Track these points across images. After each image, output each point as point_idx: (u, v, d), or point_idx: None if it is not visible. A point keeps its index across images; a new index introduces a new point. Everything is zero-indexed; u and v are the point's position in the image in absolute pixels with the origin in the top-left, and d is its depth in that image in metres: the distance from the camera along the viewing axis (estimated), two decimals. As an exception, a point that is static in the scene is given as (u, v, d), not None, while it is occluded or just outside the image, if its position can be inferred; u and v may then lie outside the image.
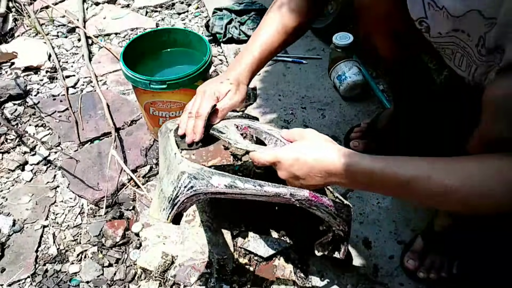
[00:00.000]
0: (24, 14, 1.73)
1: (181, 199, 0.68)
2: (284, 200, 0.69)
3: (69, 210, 1.07)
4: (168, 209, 0.69)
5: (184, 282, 0.92)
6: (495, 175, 0.53)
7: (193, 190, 0.68)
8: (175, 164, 0.72)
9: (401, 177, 0.58)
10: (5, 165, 1.18)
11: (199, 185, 0.68)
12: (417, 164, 0.59)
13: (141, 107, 1.16)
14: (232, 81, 0.83)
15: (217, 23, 1.58)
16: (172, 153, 0.75)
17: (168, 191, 0.70)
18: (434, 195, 0.57)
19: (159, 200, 0.72)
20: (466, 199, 0.55)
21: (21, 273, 0.95)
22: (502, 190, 0.52)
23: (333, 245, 0.80)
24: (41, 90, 1.43)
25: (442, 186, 0.55)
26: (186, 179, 0.68)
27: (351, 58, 1.33)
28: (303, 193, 0.69)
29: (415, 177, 0.57)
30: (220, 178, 0.68)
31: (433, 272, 0.89)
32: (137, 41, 1.16)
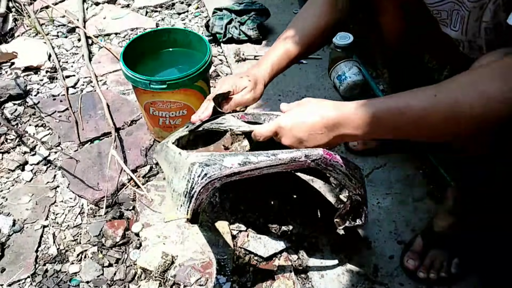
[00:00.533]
0: (24, 14, 1.73)
1: (196, 189, 0.66)
2: (300, 164, 0.68)
3: (69, 210, 1.07)
4: (186, 204, 0.66)
5: (184, 282, 0.92)
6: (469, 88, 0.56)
7: (208, 177, 0.65)
8: (182, 161, 0.70)
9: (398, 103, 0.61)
10: (5, 165, 1.18)
11: (213, 171, 0.65)
12: (411, 92, 0.61)
13: (141, 107, 1.16)
14: (250, 78, 0.84)
15: (217, 23, 1.58)
16: (176, 155, 0.74)
17: (182, 187, 0.67)
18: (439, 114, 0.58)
19: (174, 199, 0.69)
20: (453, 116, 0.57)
21: (21, 273, 0.95)
22: (474, 101, 0.55)
23: (353, 214, 0.80)
24: (41, 90, 1.43)
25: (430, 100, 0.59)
26: (198, 168, 0.66)
27: (351, 58, 1.33)
28: (317, 152, 0.68)
29: (412, 99, 0.60)
30: (232, 158, 0.67)
31: (432, 272, 0.89)
32: (137, 41, 1.16)
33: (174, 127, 1.15)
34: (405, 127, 0.62)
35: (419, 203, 1.04)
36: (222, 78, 0.87)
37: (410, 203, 1.04)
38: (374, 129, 0.65)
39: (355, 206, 0.79)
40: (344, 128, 0.67)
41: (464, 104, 0.56)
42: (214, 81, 1.43)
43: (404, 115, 0.61)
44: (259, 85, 0.86)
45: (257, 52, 1.53)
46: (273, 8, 1.69)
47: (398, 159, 1.14)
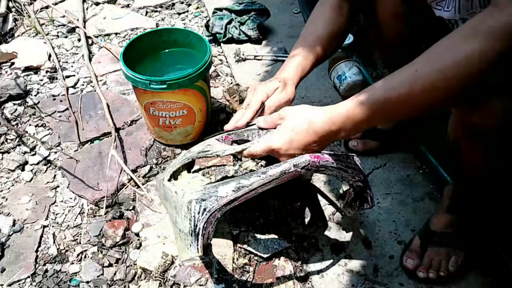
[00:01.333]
0: (24, 14, 1.73)
1: (200, 226, 0.68)
2: (291, 174, 0.69)
3: (69, 210, 1.07)
4: (194, 242, 0.69)
5: (184, 282, 0.92)
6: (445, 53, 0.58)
7: (207, 211, 0.68)
8: (180, 200, 0.73)
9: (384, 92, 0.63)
10: (5, 165, 1.18)
11: (210, 204, 0.68)
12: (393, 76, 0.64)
13: (141, 107, 1.16)
14: (280, 80, 0.85)
15: (217, 23, 1.58)
16: (173, 194, 0.76)
17: (186, 227, 0.70)
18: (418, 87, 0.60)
19: (182, 240, 0.72)
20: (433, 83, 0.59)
21: (21, 273, 0.95)
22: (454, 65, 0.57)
23: (359, 199, 0.81)
24: (41, 90, 1.43)
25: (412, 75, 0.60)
26: (195, 205, 0.69)
27: (351, 58, 1.33)
28: (304, 159, 0.69)
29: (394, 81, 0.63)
30: (225, 187, 0.69)
31: (432, 271, 0.89)
32: (137, 41, 1.16)
33: (174, 127, 1.15)
34: (395, 110, 0.64)
35: (419, 203, 1.04)
36: (252, 86, 0.88)
37: (410, 203, 1.04)
38: (367, 124, 0.67)
39: (359, 192, 0.80)
40: (337, 135, 0.69)
41: (443, 68, 0.58)
42: (214, 81, 1.43)
43: (392, 101, 0.63)
44: (290, 86, 0.86)
45: (257, 52, 1.53)
46: (273, 8, 1.69)
47: (398, 159, 1.14)
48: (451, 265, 0.89)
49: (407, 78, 0.61)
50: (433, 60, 0.59)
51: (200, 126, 1.19)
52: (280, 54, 1.51)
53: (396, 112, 0.65)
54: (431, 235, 0.91)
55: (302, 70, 0.88)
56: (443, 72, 0.58)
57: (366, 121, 0.66)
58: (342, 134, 0.69)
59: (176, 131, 1.17)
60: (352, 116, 0.66)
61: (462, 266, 0.89)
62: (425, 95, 0.60)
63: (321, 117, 0.68)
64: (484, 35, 0.55)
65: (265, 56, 1.51)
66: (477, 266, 0.91)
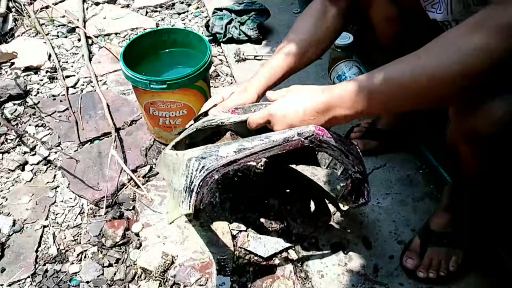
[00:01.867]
0: (24, 14, 1.73)
1: (196, 183, 0.66)
2: (294, 143, 0.68)
3: (69, 210, 1.07)
4: (187, 199, 0.67)
5: (184, 282, 0.92)
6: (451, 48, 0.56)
7: (205, 169, 0.66)
8: (180, 160, 0.71)
9: (385, 73, 0.61)
10: (5, 165, 1.18)
11: (209, 162, 0.66)
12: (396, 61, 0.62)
13: (141, 107, 1.16)
14: (240, 86, 0.89)
15: (217, 23, 1.58)
16: (173, 156, 0.74)
17: (181, 184, 0.68)
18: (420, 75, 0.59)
19: (175, 197, 0.70)
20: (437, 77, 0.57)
21: (21, 273, 0.95)
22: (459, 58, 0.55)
23: (355, 193, 0.80)
24: (41, 90, 1.43)
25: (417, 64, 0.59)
26: (194, 162, 0.67)
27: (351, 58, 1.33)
28: (309, 128, 0.68)
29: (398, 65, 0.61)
30: (227, 147, 0.67)
31: (432, 271, 0.89)
32: (137, 41, 1.16)
33: (174, 127, 1.15)
34: (395, 96, 0.62)
35: (419, 203, 1.04)
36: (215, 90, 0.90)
37: (410, 203, 1.04)
38: (366, 105, 0.65)
39: (356, 184, 0.79)
40: (336, 110, 0.68)
41: (447, 62, 0.56)
42: (214, 81, 1.43)
43: (393, 83, 0.61)
44: (249, 92, 0.87)
45: (257, 52, 1.53)
46: (273, 8, 1.69)
47: (398, 159, 1.14)
48: (452, 265, 0.89)
49: (409, 66, 0.60)
50: (436, 52, 0.58)
51: (200, 126, 1.20)
52: (280, 54, 1.51)
53: (393, 99, 0.63)
54: (431, 235, 0.91)
55: (269, 79, 0.89)
56: (447, 66, 0.56)
57: (362, 103, 0.65)
58: (340, 112, 0.67)
59: (176, 131, 1.17)
60: (350, 93, 0.65)
61: (462, 266, 0.89)
62: (425, 86, 0.59)
63: (321, 89, 0.69)
64: (491, 31, 0.53)
65: (265, 56, 1.51)
66: (477, 266, 0.91)
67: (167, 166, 0.79)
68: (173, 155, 0.75)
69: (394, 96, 0.63)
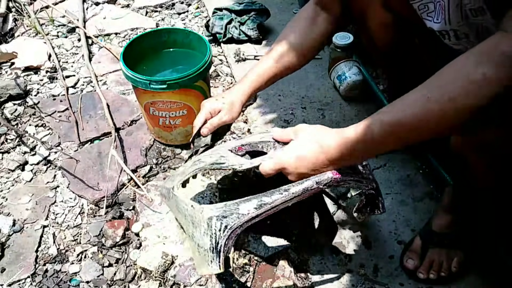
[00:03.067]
0: (24, 14, 1.73)
1: (221, 243, 0.68)
2: (313, 191, 0.69)
3: (69, 210, 1.07)
4: (216, 259, 0.69)
5: (184, 282, 0.92)
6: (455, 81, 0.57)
7: (229, 229, 0.68)
8: (198, 215, 0.73)
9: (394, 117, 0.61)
10: (5, 165, 1.18)
11: (232, 221, 0.68)
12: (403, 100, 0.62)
13: (141, 107, 1.16)
14: (225, 102, 0.93)
15: (217, 23, 1.58)
16: (189, 207, 0.76)
17: (206, 243, 0.70)
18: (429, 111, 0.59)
19: (201, 255, 0.72)
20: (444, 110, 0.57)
21: (21, 273, 0.95)
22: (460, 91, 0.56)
23: (370, 206, 0.81)
24: (41, 90, 1.43)
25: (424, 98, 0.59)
26: (216, 222, 0.69)
27: (351, 58, 1.33)
28: (326, 176, 0.69)
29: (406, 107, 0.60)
30: (247, 204, 0.69)
31: (432, 272, 0.89)
32: (137, 41, 1.16)
33: (174, 127, 1.15)
34: (407, 135, 0.62)
35: (419, 203, 1.04)
36: (204, 101, 0.95)
37: (410, 203, 1.04)
38: (378, 150, 0.66)
39: (370, 199, 0.80)
40: (350, 160, 0.68)
41: (456, 97, 0.56)
42: (214, 81, 1.43)
43: (404, 126, 0.61)
44: (235, 108, 0.93)
45: (257, 52, 1.53)
46: (273, 8, 1.69)
47: (398, 159, 1.14)
48: (454, 265, 0.89)
49: (417, 103, 0.59)
50: (444, 87, 0.57)
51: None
52: (280, 54, 1.51)
53: (405, 141, 0.63)
54: (432, 236, 0.91)
55: (254, 88, 0.93)
56: (455, 100, 0.56)
57: (376, 146, 0.64)
58: (354, 158, 0.68)
59: (176, 131, 1.17)
60: (362, 140, 0.64)
61: (462, 266, 0.89)
62: (434, 121, 0.59)
63: (332, 141, 0.67)
64: (497, 62, 0.53)
65: (265, 56, 1.51)
66: (477, 266, 0.91)
67: (182, 214, 0.80)
68: (188, 206, 0.76)
69: (406, 138, 0.63)
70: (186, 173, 0.86)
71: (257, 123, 1.27)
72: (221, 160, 0.80)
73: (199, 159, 0.86)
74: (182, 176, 0.87)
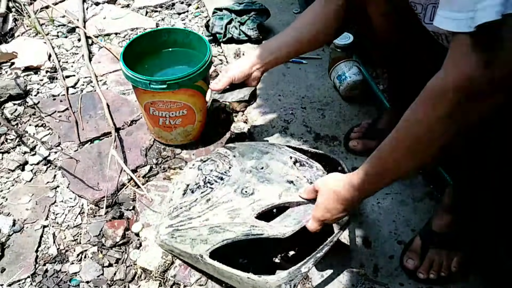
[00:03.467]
0: (24, 14, 1.73)
1: None
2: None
3: (69, 210, 1.07)
4: None
5: (184, 282, 0.92)
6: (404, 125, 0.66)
7: (296, 286, 0.79)
8: (262, 285, 0.79)
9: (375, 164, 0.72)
10: (5, 165, 1.18)
11: (297, 280, 0.78)
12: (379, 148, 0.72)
13: (141, 107, 1.16)
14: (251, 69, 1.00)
15: (217, 23, 1.58)
16: (244, 277, 0.80)
17: None
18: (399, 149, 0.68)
19: None
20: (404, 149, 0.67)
21: (21, 273, 0.95)
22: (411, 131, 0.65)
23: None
24: (41, 90, 1.43)
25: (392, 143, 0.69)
26: (286, 286, 0.78)
27: (351, 58, 1.33)
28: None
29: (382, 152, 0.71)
30: (306, 265, 0.78)
31: (432, 272, 0.89)
32: (137, 41, 1.16)
33: (174, 127, 1.15)
34: (389, 174, 0.71)
35: (419, 203, 1.04)
36: (226, 67, 1.02)
37: (410, 203, 1.04)
38: (379, 185, 0.74)
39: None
40: (360, 198, 0.77)
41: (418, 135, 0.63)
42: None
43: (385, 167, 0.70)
44: (255, 77, 1.00)
45: (257, 52, 1.53)
46: (273, 8, 1.69)
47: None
48: (454, 265, 0.89)
49: (389, 147, 0.69)
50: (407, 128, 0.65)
51: (200, 126, 1.19)
52: (280, 54, 1.51)
53: (394, 173, 0.71)
54: (432, 236, 0.91)
55: (276, 60, 1.00)
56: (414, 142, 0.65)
57: (376, 184, 0.73)
58: (364, 195, 0.76)
59: (176, 131, 1.17)
60: (365, 182, 0.73)
61: (462, 266, 0.89)
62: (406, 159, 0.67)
63: (342, 187, 0.76)
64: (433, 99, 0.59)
65: (265, 56, 1.51)
66: (477, 266, 0.91)
67: (229, 278, 0.85)
68: (241, 275, 0.80)
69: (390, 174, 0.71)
70: (214, 242, 0.85)
71: (257, 123, 1.27)
72: (256, 230, 0.82)
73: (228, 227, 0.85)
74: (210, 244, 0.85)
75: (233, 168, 0.95)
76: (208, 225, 0.86)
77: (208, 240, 0.85)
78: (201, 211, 0.89)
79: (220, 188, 0.91)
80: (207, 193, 0.92)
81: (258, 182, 0.89)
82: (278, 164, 0.93)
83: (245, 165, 0.95)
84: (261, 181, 0.89)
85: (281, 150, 0.98)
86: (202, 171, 0.98)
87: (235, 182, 0.91)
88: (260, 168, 0.92)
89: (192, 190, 0.95)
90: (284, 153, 0.97)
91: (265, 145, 1.02)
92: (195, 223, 0.88)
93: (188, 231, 0.88)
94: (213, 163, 0.99)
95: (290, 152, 0.97)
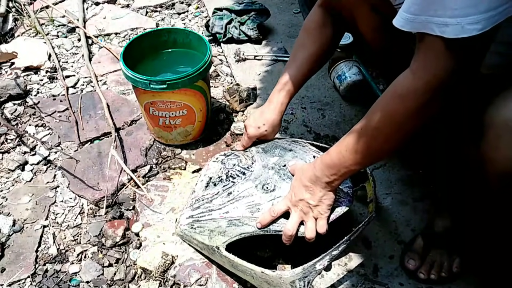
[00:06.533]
0: (24, 14, 1.73)
1: None
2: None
3: (69, 210, 1.07)
4: None
5: (184, 282, 0.92)
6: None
7: (310, 283, 0.80)
8: (276, 280, 0.80)
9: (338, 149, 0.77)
10: (5, 165, 1.18)
11: (312, 277, 0.79)
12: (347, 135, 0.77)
13: (141, 107, 1.16)
14: (267, 128, 1.00)
15: (217, 23, 1.58)
16: (258, 272, 0.80)
17: None
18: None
19: None
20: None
21: (21, 273, 0.95)
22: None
23: None
24: (41, 90, 1.43)
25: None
26: (299, 282, 0.78)
27: (351, 58, 1.33)
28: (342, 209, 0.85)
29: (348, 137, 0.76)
30: (321, 262, 0.78)
31: (433, 272, 0.89)
32: (137, 41, 1.16)
33: (174, 127, 1.15)
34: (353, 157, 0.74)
35: (419, 203, 1.04)
36: (245, 125, 1.03)
37: (410, 203, 1.04)
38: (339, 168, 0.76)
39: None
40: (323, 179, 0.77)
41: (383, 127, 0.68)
42: (214, 81, 1.43)
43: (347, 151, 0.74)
44: (276, 126, 1.01)
45: (257, 52, 1.53)
46: (273, 8, 1.69)
47: (398, 159, 1.14)
48: (455, 266, 0.89)
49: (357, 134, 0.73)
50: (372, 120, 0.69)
51: (200, 126, 1.19)
52: (280, 54, 1.51)
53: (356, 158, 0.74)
54: (433, 237, 0.91)
55: (289, 97, 1.00)
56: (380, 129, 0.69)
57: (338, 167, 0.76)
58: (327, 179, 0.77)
59: (176, 131, 1.17)
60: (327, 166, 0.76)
61: (463, 267, 0.89)
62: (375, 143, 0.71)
63: (307, 166, 0.80)
64: (403, 97, 0.63)
65: (265, 56, 1.51)
66: (477, 266, 0.90)
67: (243, 273, 0.85)
68: (255, 270, 0.80)
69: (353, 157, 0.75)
70: (231, 235, 0.85)
71: (257, 123, 1.27)
72: (275, 227, 0.83)
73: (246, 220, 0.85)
74: (227, 236, 0.86)
75: (255, 163, 0.95)
76: (227, 218, 0.86)
77: (226, 233, 0.85)
78: (222, 203, 0.89)
79: (242, 183, 0.91)
80: (229, 186, 0.91)
81: (280, 179, 0.89)
82: (301, 163, 0.93)
83: (267, 161, 0.94)
84: (283, 178, 0.89)
85: (305, 148, 0.97)
86: (225, 165, 0.98)
87: (257, 178, 0.90)
88: (283, 166, 0.92)
89: (215, 183, 0.95)
90: (308, 151, 0.96)
91: (289, 142, 1.01)
92: (215, 215, 0.88)
93: (207, 222, 0.88)
94: (236, 158, 0.99)
95: (314, 151, 0.96)
